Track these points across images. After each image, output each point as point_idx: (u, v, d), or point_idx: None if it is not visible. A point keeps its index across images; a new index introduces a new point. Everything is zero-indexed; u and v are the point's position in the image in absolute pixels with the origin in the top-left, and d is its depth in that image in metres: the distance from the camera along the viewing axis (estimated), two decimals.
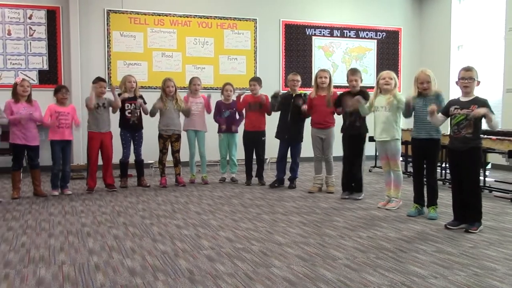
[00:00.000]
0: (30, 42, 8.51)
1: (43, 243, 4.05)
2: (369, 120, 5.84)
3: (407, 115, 5.20)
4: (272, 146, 7.11)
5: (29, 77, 8.27)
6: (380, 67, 10.54)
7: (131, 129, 6.86)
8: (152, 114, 6.93)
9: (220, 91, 7.44)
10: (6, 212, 5.28)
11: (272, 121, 7.06)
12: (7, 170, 6.95)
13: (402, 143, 5.74)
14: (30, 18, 8.49)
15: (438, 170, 6.94)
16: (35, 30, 8.52)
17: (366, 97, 5.84)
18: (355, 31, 10.52)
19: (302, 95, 6.72)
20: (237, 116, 7.30)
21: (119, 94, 6.75)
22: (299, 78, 6.82)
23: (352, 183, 6.08)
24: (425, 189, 5.11)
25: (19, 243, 4.05)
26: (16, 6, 8.39)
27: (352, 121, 5.95)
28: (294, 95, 6.71)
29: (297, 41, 10.12)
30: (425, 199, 5.11)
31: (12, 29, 8.40)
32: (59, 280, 3.17)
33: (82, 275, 3.26)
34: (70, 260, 3.60)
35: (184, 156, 7.21)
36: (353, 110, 5.75)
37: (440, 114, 4.61)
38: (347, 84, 6.10)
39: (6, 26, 8.37)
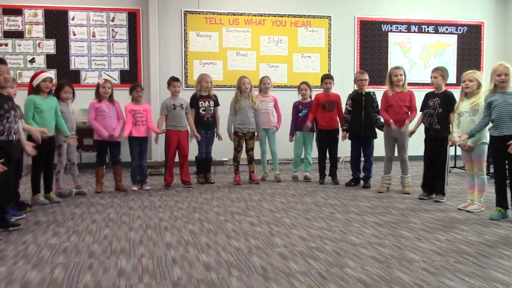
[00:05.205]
0: (113, 44, 8.92)
1: (124, 236, 4.24)
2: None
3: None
4: (344, 145, 7.01)
5: (112, 77, 8.68)
6: (460, 64, 10.11)
7: (205, 126, 6.99)
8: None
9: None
10: (90, 206, 5.58)
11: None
12: (91, 165, 7.35)
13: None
14: (112, 20, 8.90)
15: None
16: (117, 32, 8.93)
17: (451, 100, 5.61)
18: (433, 26, 10.13)
19: (371, 93, 6.66)
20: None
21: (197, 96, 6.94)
22: (367, 76, 6.72)
23: (434, 186, 5.86)
24: (508, 191, 4.84)
25: (102, 235, 4.27)
26: (100, 10, 8.83)
27: (430, 123, 5.76)
28: (363, 93, 6.63)
29: (373, 38, 9.89)
30: (509, 202, 4.84)
31: (97, 31, 8.85)
32: (139, 272, 3.31)
33: (160, 268, 3.39)
34: (148, 253, 3.74)
35: (256, 154, 7.28)
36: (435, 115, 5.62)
37: None
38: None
39: (91, 28, 8.83)
